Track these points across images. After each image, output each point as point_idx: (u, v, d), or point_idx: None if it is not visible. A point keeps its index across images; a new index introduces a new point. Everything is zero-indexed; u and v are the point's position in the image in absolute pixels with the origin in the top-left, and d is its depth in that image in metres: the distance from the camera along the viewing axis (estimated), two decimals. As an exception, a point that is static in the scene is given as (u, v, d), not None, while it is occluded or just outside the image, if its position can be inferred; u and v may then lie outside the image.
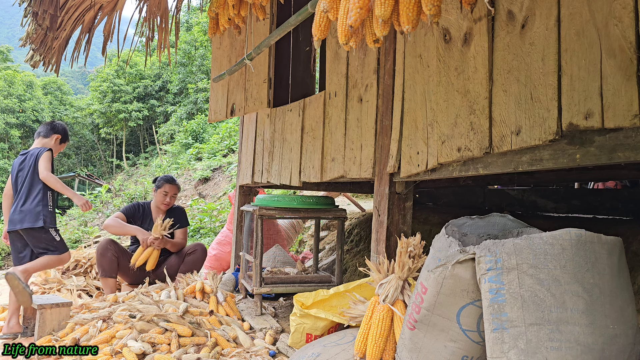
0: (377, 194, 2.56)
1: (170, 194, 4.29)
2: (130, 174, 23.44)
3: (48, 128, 3.47)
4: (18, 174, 3.29)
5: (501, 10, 1.79)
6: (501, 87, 1.78)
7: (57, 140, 3.46)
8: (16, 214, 3.15)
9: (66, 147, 31.54)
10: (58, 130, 3.48)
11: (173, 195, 4.32)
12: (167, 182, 4.31)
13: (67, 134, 3.57)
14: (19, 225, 3.12)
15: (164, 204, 4.27)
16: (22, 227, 3.11)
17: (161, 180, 4.33)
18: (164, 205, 4.29)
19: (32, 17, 3.72)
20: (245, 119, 4.57)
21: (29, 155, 3.32)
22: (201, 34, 24.09)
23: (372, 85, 2.61)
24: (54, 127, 3.48)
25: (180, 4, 4.60)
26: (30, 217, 3.11)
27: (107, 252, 3.91)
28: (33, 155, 3.30)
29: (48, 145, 3.39)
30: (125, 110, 28.94)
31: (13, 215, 3.16)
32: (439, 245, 1.78)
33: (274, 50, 3.64)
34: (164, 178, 4.34)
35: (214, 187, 11.65)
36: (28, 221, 3.11)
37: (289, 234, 5.22)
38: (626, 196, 3.22)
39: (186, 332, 2.72)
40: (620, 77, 1.38)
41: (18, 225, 3.12)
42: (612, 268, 1.50)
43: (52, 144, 3.42)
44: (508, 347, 1.44)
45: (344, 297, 2.53)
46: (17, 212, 3.14)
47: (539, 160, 1.66)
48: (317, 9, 1.55)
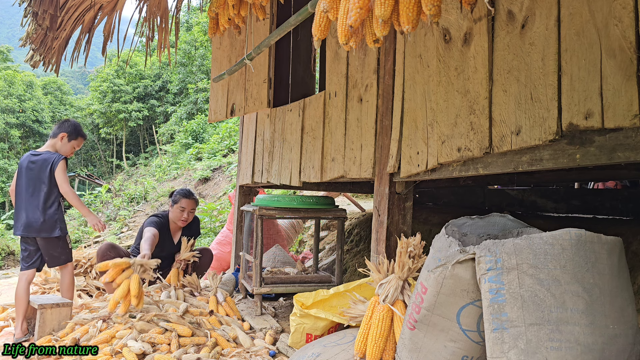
0: (377, 194, 2.56)
1: (187, 209, 4.01)
2: (130, 174, 23.44)
3: (56, 127, 3.39)
4: (26, 174, 3.20)
5: (501, 10, 1.79)
6: (501, 87, 1.78)
7: (63, 139, 3.33)
8: (32, 220, 3.11)
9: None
10: (64, 128, 3.35)
11: (191, 211, 4.04)
12: (184, 197, 4.02)
13: (76, 130, 3.39)
14: (36, 233, 3.12)
15: (182, 221, 4.01)
16: (40, 235, 3.12)
17: (177, 195, 4.03)
18: (182, 222, 4.02)
19: (32, 17, 3.72)
20: (245, 119, 4.57)
21: (42, 159, 3.20)
22: (201, 34, 24.09)
23: (372, 85, 2.61)
24: (61, 125, 3.37)
25: (180, 4, 4.60)
26: (47, 227, 3.11)
27: (107, 258, 3.75)
28: (47, 160, 3.18)
29: (55, 146, 3.30)
30: (125, 110, 28.94)
31: (28, 220, 3.11)
32: (439, 245, 1.78)
33: (274, 50, 3.64)
34: (180, 192, 4.05)
35: (214, 187, 11.65)
36: (46, 231, 3.11)
37: (289, 234, 5.23)
38: (626, 196, 3.22)
39: (186, 332, 2.72)
40: (620, 77, 1.38)
41: (34, 234, 3.12)
42: (612, 268, 1.50)
43: (59, 144, 3.32)
44: (508, 347, 1.44)
45: (344, 297, 2.53)
46: (33, 220, 3.10)
47: (539, 160, 1.66)
48: (317, 9, 1.54)
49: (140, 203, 13.88)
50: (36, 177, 3.17)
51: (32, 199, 3.14)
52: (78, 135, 3.39)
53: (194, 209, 4.06)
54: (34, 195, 3.15)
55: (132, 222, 11.41)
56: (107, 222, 13.08)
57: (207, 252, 4.15)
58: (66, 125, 3.37)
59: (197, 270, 4.06)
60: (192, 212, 4.06)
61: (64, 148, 3.32)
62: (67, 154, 3.32)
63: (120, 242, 9.17)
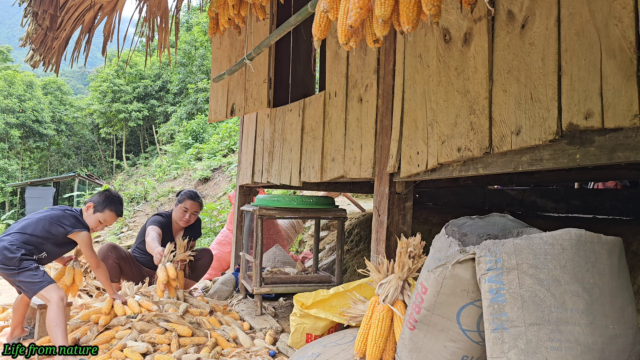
0: (377, 194, 2.56)
1: (190, 211, 4.00)
2: (130, 174, 23.45)
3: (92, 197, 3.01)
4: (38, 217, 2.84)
5: (501, 10, 1.79)
6: (501, 87, 1.78)
7: (88, 209, 2.95)
8: None
9: (66, 148, 30.74)
10: (93, 199, 2.98)
11: (194, 213, 4.03)
12: (189, 198, 4.01)
13: (107, 202, 2.95)
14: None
15: (183, 221, 4.01)
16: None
17: (183, 195, 4.03)
18: (183, 222, 4.02)
19: (32, 17, 3.72)
20: (245, 119, 4.57)
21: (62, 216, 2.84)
22: (201, 34, 24.09)
23: (372, 85, 2.61)
24: (95, 196, 3.02)
25: (180, 4, 4.60)
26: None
27: (108, 259, 3.74)
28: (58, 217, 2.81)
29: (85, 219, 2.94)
30: (125, 110, 28.94)
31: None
32: (439, 245, 1.78)
33: (274, 50, 3.64)
34: (186, 194, 4.05)
35: (214, 187, 11.65)
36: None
37: (289, 234, 5.22)
38: (626, 196, 3.22)
39: (186, 332, 2.72)
40: (620, 77, 1.38)
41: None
42: (612, 268, 1.50)
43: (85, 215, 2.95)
44: (508, 347, 1.44)
45: (344, 297, 2.53)
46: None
47: (539, 160, 1.66)
48: (317, 9, 1.54)
49: (140, 203, 13.87)
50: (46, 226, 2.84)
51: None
52: (103, 207, 2.95)
53: (197, 211, 4.07)
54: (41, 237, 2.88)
55: (132, 222, 11.40)
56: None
57: (207, 252, 4.13)
58: (96, 198, 2.98)
59: (197, 271, 4.06)
60: (195, 214, 4.07)
61: (91, 222, 2.95)
62: (93, 228, 2.96)
63: (120, 242, 9.17)
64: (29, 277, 2.59)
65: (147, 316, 2.84)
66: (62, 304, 2.57)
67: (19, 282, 2.63)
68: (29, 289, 2.61)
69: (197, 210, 4.06)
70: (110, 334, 2.71)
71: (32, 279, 2.59)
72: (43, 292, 2.58)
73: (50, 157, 31.81)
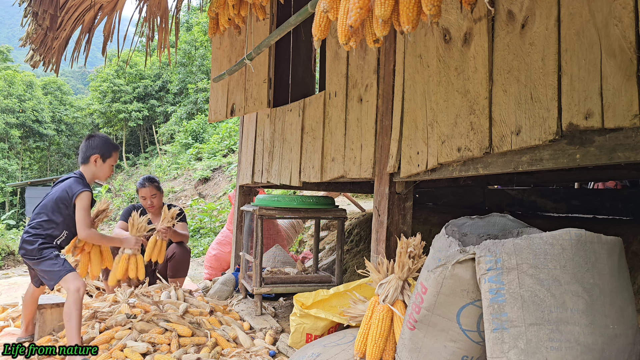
0: (377, 194, 2.56)
1: (148, 196, 4.03)
2: (130, 174, 23.44)
3: (83, 150, 2.88)
4: (45, 201, 2.79)
5: (501, 10, 1.79)
6: (501, 87, 1.78)
7: (98, 161, 2.86)
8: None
9: (66, 148, 30.58)
10: (94, 149, 2.86)
11: (152, 196, 4.04)
12: (140, 186, 4.04)
13: (107, 146, 2.89)
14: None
15: (148, 208, 4.08)
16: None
17: (136, 187, 4.05)
18: (150, 208, 4.07)
19: (32, 17, 3.72)
20: (245, 119, 4.57)
21: (61, 188, 2.77)
22: (201, 34, 24.10)
23: (372, 85, 2.61)
24: (89, 146, 2.88)
25: (180, 4, 4.60)
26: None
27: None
28: (62, 188, 2.75)
29: (89, 173, 2.86)
30: (125, 110, 28.94)
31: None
32: (439, 245, 1.78)
33: (274, 50, 3.64)
34: (138, 184, 4.06)
35: (214, 187, 11.65)
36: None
37: (289, 234, 5.22)
38: (626, 196, 3.22)
39: (186, 332, 2.72)
40: (620, 77, 1.38)
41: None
42: (612, 268, 1.50)
43: (93, 170, 2.87)
44: (508, 347, 1.44)
45: (344, 297, 2.53)
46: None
47: (539, 160, 1.66)
48: (317, 9, 1.54)
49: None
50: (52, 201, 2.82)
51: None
52: (110, 151, 2.91)
53: (154, 194, 4.08)
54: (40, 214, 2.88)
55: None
56: (107, 222, 13.08)
57: (177, 249, 4.00)
58: (94, 144, 2.89)
59: (178, 270, 4.02)
60: (155, 197, 4.08)
61: (101, 172, 2.90)
62: (103, 177, 2.93)
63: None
64: (48, 267, 2.62)
65: (146, 316, 2.84)
66: (78, 295, 2.57)
67: (41, 272, 2.67)
68: (49, 277, 2.64)
69: (153, 193, 4.05)
70: (110, 334, 2.71)
71: (52, 267, 2.62)
72: (61, 282, 2.61)
73: (50, 157, 31.82)
